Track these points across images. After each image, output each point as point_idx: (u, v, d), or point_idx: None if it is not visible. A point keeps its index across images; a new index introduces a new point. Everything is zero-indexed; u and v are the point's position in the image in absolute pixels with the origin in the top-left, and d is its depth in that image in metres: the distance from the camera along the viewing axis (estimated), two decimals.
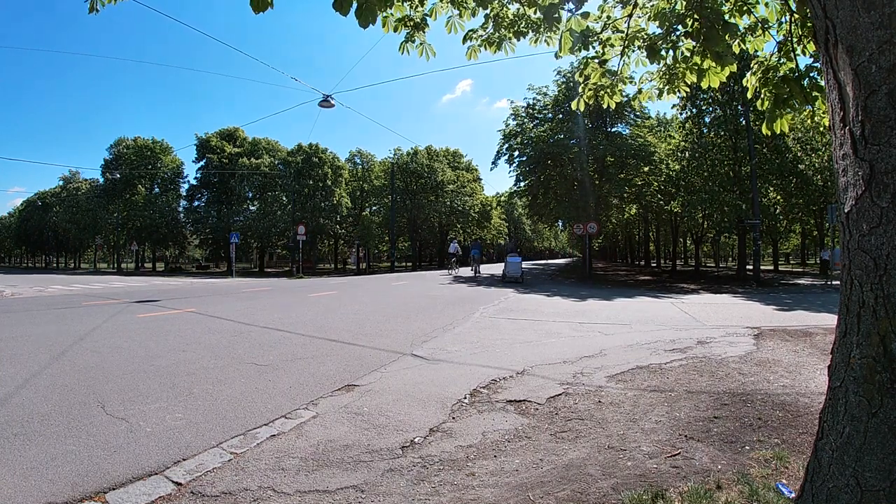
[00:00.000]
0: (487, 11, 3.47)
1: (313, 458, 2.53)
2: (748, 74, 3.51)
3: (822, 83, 2.14)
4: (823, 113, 3.17)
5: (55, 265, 61.73)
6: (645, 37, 3.54)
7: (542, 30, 3.49)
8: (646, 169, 24.35)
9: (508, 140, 26.75)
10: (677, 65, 3.59)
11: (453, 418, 3.18)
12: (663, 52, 3.51)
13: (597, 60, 3.73)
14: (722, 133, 22.15)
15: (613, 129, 25.50)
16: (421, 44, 3.50)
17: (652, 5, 3.45)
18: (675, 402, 3.40)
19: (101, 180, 45.63)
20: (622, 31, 3.57)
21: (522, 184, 27.47)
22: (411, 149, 43.96)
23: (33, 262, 70.95)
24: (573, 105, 4.01)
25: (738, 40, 3.45)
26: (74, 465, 2.37)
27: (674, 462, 2.39)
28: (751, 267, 20.28)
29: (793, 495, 1.90)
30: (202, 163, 42.38)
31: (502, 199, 40.33)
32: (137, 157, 43.46)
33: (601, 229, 27.43)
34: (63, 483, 2.19)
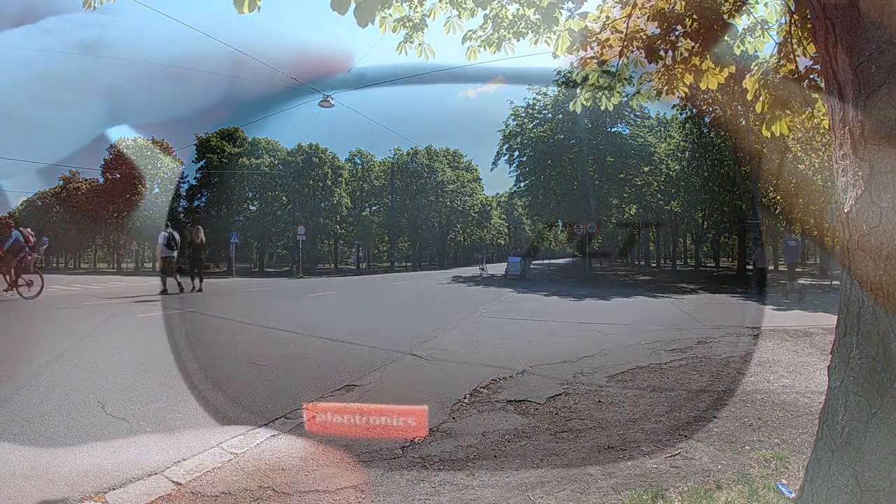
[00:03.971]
0: (487, 12, 3.46)
1: (313, 458, 2.53)
2: (747, 76, 3.50)
3: (822, 84, 2.14)
4: (823, 115, 3.16)
5: (55, 265, 61.66)
6: (643, 37, 3.53)
7: (541, 30, 3.48)
8: (646, 169, 24.39)
9: (508, 140, 26.79)
10: (676, 65, 3.59)
11: (453, 418, 3.17)
12: (662, 53, 3.51)
13: (595, 61, 3.72)
14: (722, 133, 22.14)
15: (613, 129, 25.54)
16: (420, 44, 3.49)
17: (651, 5, 3.45)
18: (676, 401, 3.40)
19: (101, 180, 45.63)
20: (621, 32, 3.57)
21: (523, 184, 27.51)
22: (411, 149, 43.96)
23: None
24: (571, 106, 4.00)
25: (737, 41, 3.45)
26: (74, 465, 2.37)
27: (674, 462, 2.39)
28: (751, 267, 20.27)
29: (793, 495, 1.90)
30: (202, 163, 42.36)
31: (502, 199, 40.35)
32: (137, 157, 43.45)
33: (601, 229, 27.45)
34: (63, 483, 2.19)
